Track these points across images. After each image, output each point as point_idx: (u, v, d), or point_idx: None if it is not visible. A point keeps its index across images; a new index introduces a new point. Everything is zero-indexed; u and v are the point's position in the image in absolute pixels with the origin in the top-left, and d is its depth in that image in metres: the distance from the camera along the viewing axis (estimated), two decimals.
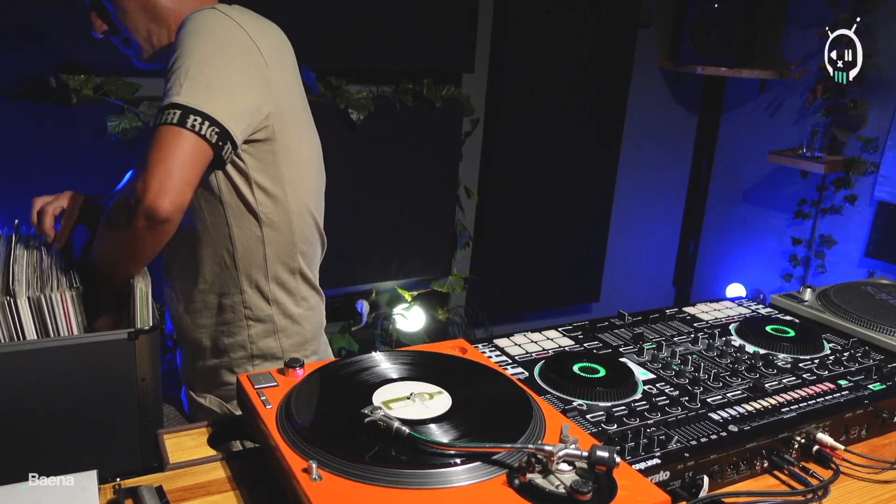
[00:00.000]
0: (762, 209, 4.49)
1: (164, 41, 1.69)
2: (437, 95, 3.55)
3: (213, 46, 1.52)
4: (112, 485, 1.21)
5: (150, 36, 1.67)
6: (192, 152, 1.47)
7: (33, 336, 1.40)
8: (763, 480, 1.33)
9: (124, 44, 1.69)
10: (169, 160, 1.44)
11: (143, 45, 1.67)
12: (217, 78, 1.51)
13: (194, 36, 1.52)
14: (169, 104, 1.46)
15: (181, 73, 1.48)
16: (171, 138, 1.45)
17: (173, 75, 1.50)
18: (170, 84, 1.50)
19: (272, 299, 1.84)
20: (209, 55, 1.51)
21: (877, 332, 1.80)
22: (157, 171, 1.43)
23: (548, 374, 1.50)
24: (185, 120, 1.45)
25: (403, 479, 1.04)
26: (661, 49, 4.44)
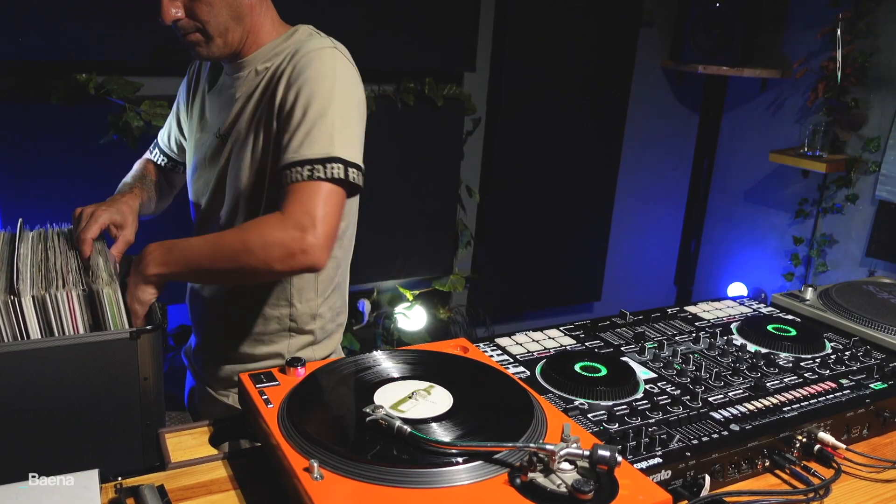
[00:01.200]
0: (763, 208, 4.49)
1: (238, 39, 1.69)
2: (439, 95, 3.55)
3: (345, 94, 1.62)
4: (113, 484, 1.21)
5: (226, 32, 1.66)
6: (343, 204, 1.61)
7: (37, 335, 1.40)
8: (764, 480, 1.34)
9: (191, 34, 1.66)
10: (333, 218, 1.56)
11: (216, 38, 1.66)
12: (354, 126, 1.63)
13: (328, 81, 1.60)
14: (331, 157, 1.55)
15: (328, 123, 1.57)
16: (333, 196, 1.56)
17: (319, 123, 1.57)
18: (317, 132, 1.57)
19: (317, 314, 1.88)
20: (345, 104, 1.61)
21: (878, 332, 1.80)
22: (327, 228, 1.54)
23: (549, 373, 1.50)
24: (349, 174, 1.57)
25: (405, 479, 1.04)
26: (663, 48, 4.43)
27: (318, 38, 1.72)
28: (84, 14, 2.70)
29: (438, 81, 3.56)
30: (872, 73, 3.80)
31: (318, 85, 1.60)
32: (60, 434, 1.42)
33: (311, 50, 1.64)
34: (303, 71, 1.62)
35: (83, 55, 2.78)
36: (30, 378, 1.36)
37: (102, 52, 2.80)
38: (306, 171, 1.55)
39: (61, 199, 2.78)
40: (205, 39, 1.66)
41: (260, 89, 1.71)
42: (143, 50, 2.81)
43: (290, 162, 1.57)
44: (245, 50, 1.74)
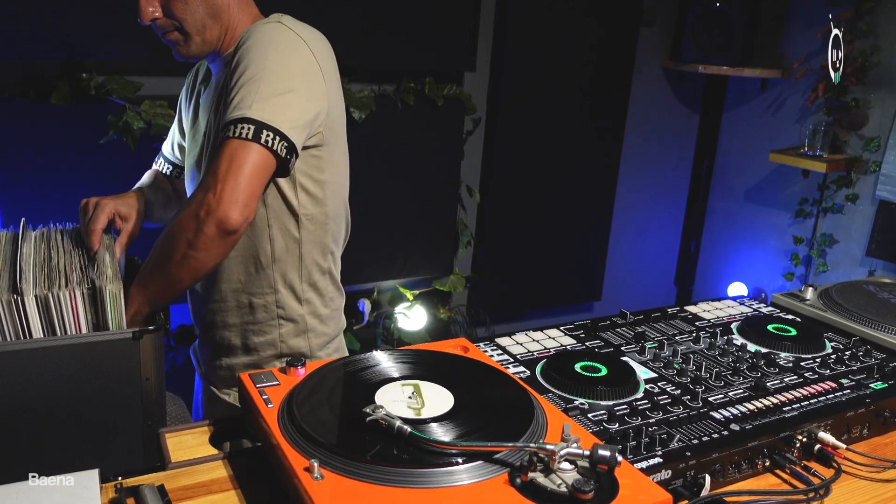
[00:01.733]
0: (764, 208, 4.49)
1: (216, 37, 1.70)
2: (439, 94, 3.55)
3: (279, 61, 1.59)
4: (114, 484, 1.21)
5: (203, 29, 1.67)
6: (262, 166, 1.54)
7: (40, 334, 1.40)
8: (765, 479, 1.34)
9: (170, 33, 1.67)
10: (240, 173, 1.50)
11: (194, 36, 1.67)
12: (284, 92, 1.57)
13: (261, 49, 1.58)
14: (241, 118, 1.52)
15: (251, 87, 1.54)
16: (242, 152, 1.51)
17: (243, 88, 1.55)
18: (239, 96, 1.54)
19: (304, 299, 1.88)
20: (276, 70, 1.58)
21: (878, 331, 1.80)
22: (228, 183, 1.49)
23: (549, 372, 1.50)
24: (259, 135, 1.52)
25: (405, 478, 1.04)
26: (663, 48, 4.43)
27: (275, 20, 1.69)
28: (84, 14, 2.70)
29: (439, 81, 3.56)
30: (872, 73, 3.80)
31: (249, 53, 1.59)
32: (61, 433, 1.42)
33: (254, 29, 1.64)
34: (241, 46, 1.62)
35: (83, 55, 2.78)
36: (31, 377, 1.36)
37: (102, 51, 2.80)
38: (222, 135, 1.54)
39: (62, 199, 2.78)
40: (183, 38, 1.68)
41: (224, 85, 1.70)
42: (143, 50, 2.81)
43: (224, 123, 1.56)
44: (224, 47, 1.75)
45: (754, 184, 4.53)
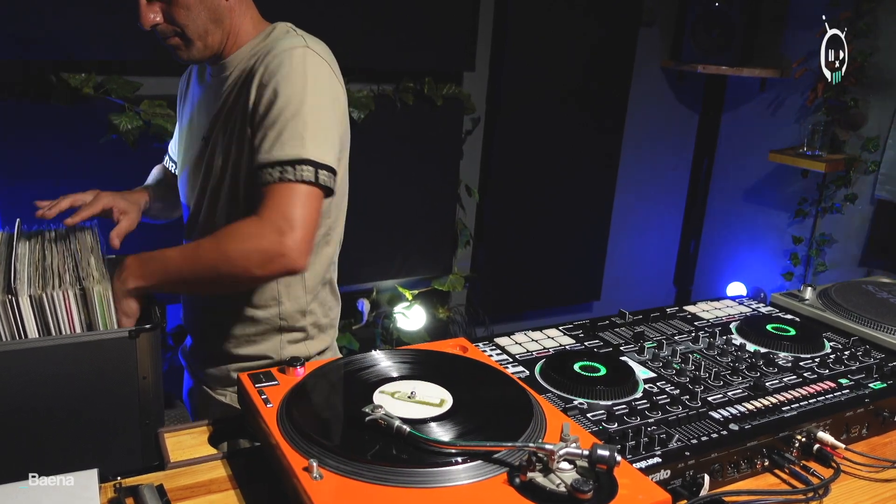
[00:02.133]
0: (763, 208, 4.49)
1: (217, 41, 1.69)
2: (438, 94, 3.54)
3: (318, 94, 1.61)
4: (113, 483, 1.21)
5: (205, 34, 1.66)
6: (320, 205, 1.60)
7: (35, 334, 1.40)
8: (764, 479, 1.34)
9: (171, 38, 1.66)
10: (310, 220, 1.56)
11: (196, 42, 1.66)
12: (327, 126, 1.62)
13: (299, 81, 1.59)
14: (300, 159, 1.55)
15: (299, 124, 1.56)
16: (310, 197, 1.56)
17: (290, 125, 1.56)
18: (289, 134, 1.56)
19: (308, 311, 1.88)
20: (317, 104, 1.60)
21: (877, 331, 1.80)
22: (305, 233, 1.54)
23: (548, 372, 1.50)
24: (318, 176, 1.56)
25: (404, 478, 1.04)
26: (663, 48, 4.43)
27: (293, 36, 1.69)
28: (82, 14, 2.70)
29: (438, 81, 3.56)
30: (872, 73, 3.80)
31: (289, 85, 1.59)
32: (59, 434, 1.42)
33: (282, 50, 1.62)
34: (275, 72, 1.60)
35: (82, 55, 2.78)
36: (28, 377, 1.36)
37: (101, 51, 2.79)
38: (276, 173, 1.55)
39: None
40: (184, 43, 1.66)
41: (235, 91, 1.71)
42: (142, 49, 2.81)
43: (262, 163, 1.57)
44: (226, 51, 1.74)
45: (753, 183, 4.53)
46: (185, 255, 1.59)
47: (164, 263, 1.58)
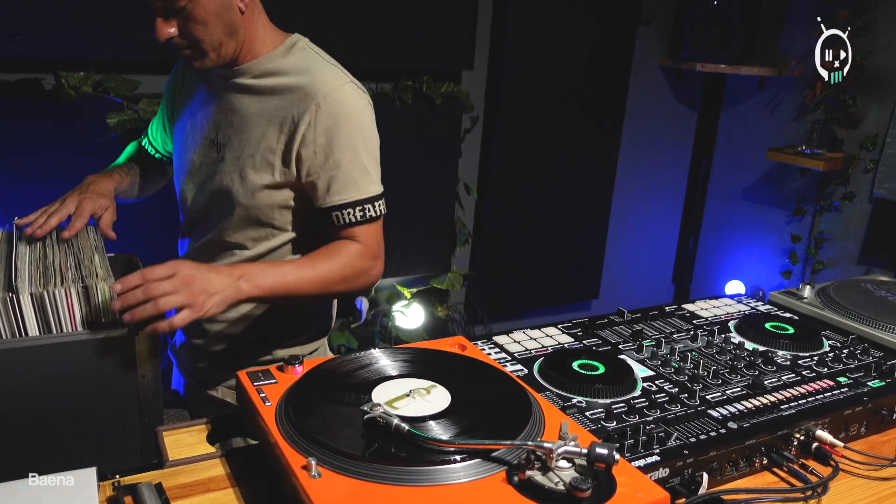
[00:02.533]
0: (761, 206, 4.49)
1: (231, 51, 1.71)
2: (437, 93, 3.54)
3: (372, 132, 1.79)
4: (111, 482, 1.21)
5: (220, 46, 1.68)
6: None
7: (35, 332, 1.40)
8: (762, 477, 1.34)
9: (184, 50, 1.68)
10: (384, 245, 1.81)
11: (210, 54, 1.67)
12: (378, 156, 1.82)
13: (359, 121, 1.75)
14: (377, 195, 1.77)
15: (366, 162, 1.76)
16: (380, 226, 1.80)
17: (364, 162, 1.75)
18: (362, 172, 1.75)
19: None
20: (373, 142, 1.79)
21: (876, 329, 1.80)
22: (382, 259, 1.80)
23: (547, 371, 1.50)
24: (383, 207, 1.79)
25: (403, 476, 1.04)
26: (661, 46, 4.43)
27: (329, 66, 1.79)
28: (81, 12, 2.70)
29: (436, 80, 3.55)
30: (870, 72, 3.80)
31: (353, 127, 1.73)
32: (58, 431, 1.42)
33: (333, 88, 1.72)
34: (334, 110, 1.71)
35: (81, 53, 2.77)
36: (28, 375, 1.36)
37: (100, 50, 2.79)
38: (358, 213, 1.74)
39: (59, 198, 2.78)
40: (198, 55, 1.68)
41: (269, 108, 1.76)
42: (140, 48, 2.80)
43: (337, 204, 1.73)
44: (240, 59, 1.76)
45: (752, 182, 4.53)
46: (301, 271, 1.66)
47: (283, 277, 1.63)
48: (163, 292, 1.43)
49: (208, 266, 1.54)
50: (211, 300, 1.49)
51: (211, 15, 1.62)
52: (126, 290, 1.42)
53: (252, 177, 1.76)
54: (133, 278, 1.43)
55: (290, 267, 1.65)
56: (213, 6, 1.62)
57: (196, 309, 1.46)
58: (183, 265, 1.48)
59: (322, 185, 1.73)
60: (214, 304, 1.50)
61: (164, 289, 1.43)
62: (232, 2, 1.65)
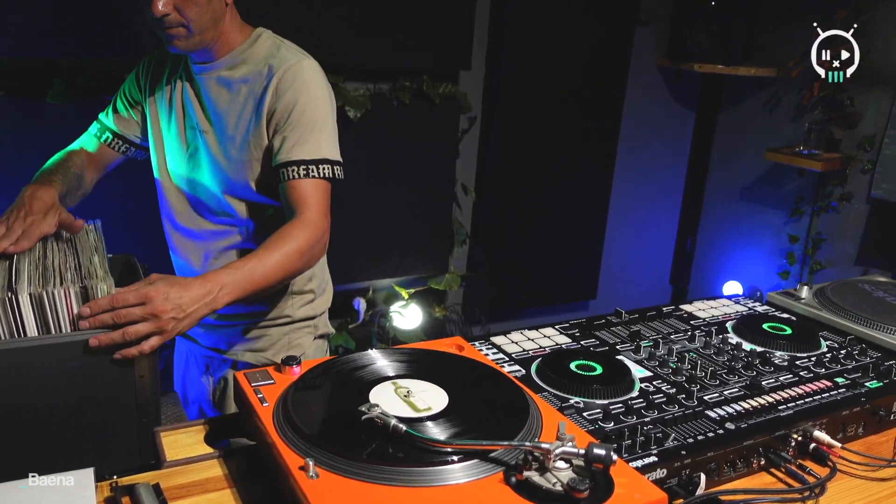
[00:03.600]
0: (759, 207, 4.50)
1: (210, 39, 1.85)
2: (435, 93, 3.54)
3: (327, 100, 1.91)
4: (109, 482, 1.21)
5: (204, 31, 1.81)
6: None
7: (34, 333, 1.39)
8: (760, 478, 1.34)
9: (174, 28, 1.77)
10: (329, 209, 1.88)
11: (195, 35, 1.80)
12: (333, 127, 1.93)
13: (315, 91, 1.88)
14: (324, 159, 1.87)
15: (321, 129, 1.88)
16: (328, 190, 1.88)
17: (313, 129, 1.87)
18: (311, 136, 1.86)
19: (313, 275, 2.14)
20: (330, 111, 1.92)
21: (874, 330, 1.80)
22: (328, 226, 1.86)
23: (545, 371, 1.50)
24: (335, 172, 1.88)
25: (400, 477, 1.04)
26: (660, 47, 4.43)
27: (292, 48, 1.95)
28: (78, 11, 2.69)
29: (434, 80, 3.55)
30: (868, 72, 3.80)
31: (306, 95, 1.86)
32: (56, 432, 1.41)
33: (293, 63, 1.88)
34: (292, 82, 1.86)
35: (79, 53, 2.77)
36: (26, 375, 1.36)
37: (98, 49, 2.79)
38: (301, 171, 1.84)
39: None
40: (186, 34, 1.80)
41: (241, 94, 1.91)
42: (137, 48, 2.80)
43: (285, 161, 1.85)
44: (216, 53, 1.91)
45: (750, 182, 4.53)
46: (263, 264, 1.71)
47: (252, 276, 1.68)
48: (131, 320, 1.43)
49: (182, 284, 1.54)
50: (181, 323, 1.52)
51: None
52: (94, 313, 1.43)
53: (235, 155, 1.92)
54: (103, 302, 1.43)
55: (255, 261, 1.69)
56: None
57: (166, 335, 1.49)
58: (155, 292, 1.48)
59: (276, 147, 1.87)
60: (185, 325, 1.53)
61: (133, 316, 1.44)
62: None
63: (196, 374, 2.19)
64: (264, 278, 1.70)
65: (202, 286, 1.56)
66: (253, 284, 1.67)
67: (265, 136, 1.89)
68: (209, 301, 1.57)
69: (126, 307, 1.44)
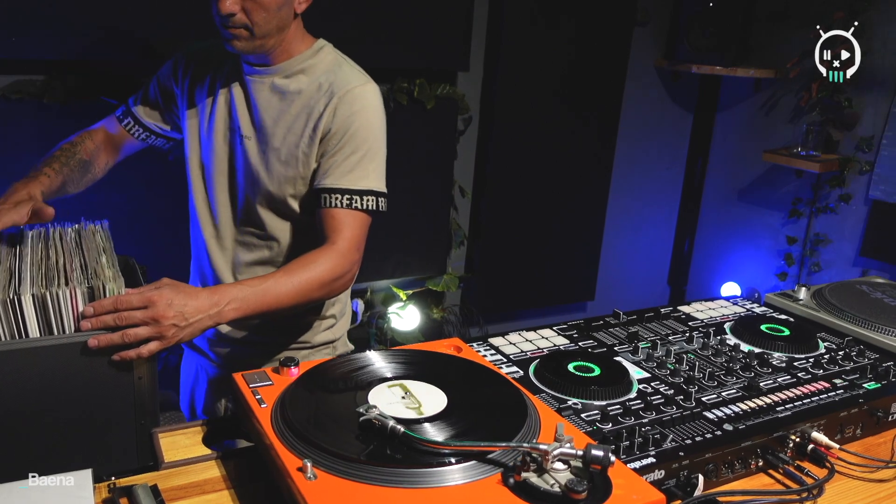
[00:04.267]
0: (757, 208, 4.50)
1: (271, 44, 1.79)
2: (432, 94, 3.54)
3: (383, 131, 1.89)
4: (107, 483, 1.21)
5: (268, 36, 1.76)
6: None
7: (37, 334, 1.39)
8: (758, 479, 1.34)
9: (239, 29, 1.73)
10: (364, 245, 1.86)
11: (258, 39, 1.75)
12: (384, 157, 1.90)
13: (374, 120, 1.86)
14: (370, 191, 1.83)
15: (372, 158, 1.85)
16: (367, 225, 1.86)
17: (364, 157, 1.84)
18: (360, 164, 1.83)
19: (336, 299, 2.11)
20: (384, 140, 1.89)
21: (872, 331, 1.80)
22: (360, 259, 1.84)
23: (543, 372, 1.50)
24: (379, 204, 1.86)
25: (398, 478, 1.04)
26: (657, 48, 4.44)
27: (354, 68, 1.93)
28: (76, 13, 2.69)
29: (432, 81, 3.55)
30: (866, 73, 3.81)
31: (363, 120, 1.83)
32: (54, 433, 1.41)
33: (356, 85, 1.85)
34: (351, 105, 1.82)
35: (76, 54, 2.77)
36: (24, 377, 1.36)
37: (95, 51, 2.79)
38: (344, 199, 1.80)
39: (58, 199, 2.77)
40: (248, 36, 1.75)
41: (294, 106, 1.85)
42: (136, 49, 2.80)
43: (329, 188, 1.80)
44: (275, 58, 1.85)
45: (747, 184, 4.53)
46: (278, 287, 1.66)
47: (264, 296, 1.63)
48: (132, 323, 1.42)
49: (188, 292, 1.51)
50: (183, 332, 1.48)
51: (274, 5, 1.72)
52: (98, 313, 1.41)
53: (278, 169, 1.86)
54: (106, 303, 1.42)
55: (271, 282, 1.65)
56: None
57: (165, 341, 1.46)
58: (159, 297, 1.46)
59: (321, 169, 1.83)
60: (187, 334, 1.50)
61: (134, 319, 1.42)
62: (293, 0, 1.78)
63: (205, 390, 2.13)
64: (276, 301, 1.64)
65: (209, 297, 1.53)
66: (263, 305, 1.62)
67: (315, 156, 1.84)
68: (214, 313, 1.53)
69: (129, 309, 1.42)
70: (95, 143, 2.04)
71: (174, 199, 2.89)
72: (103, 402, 1.43)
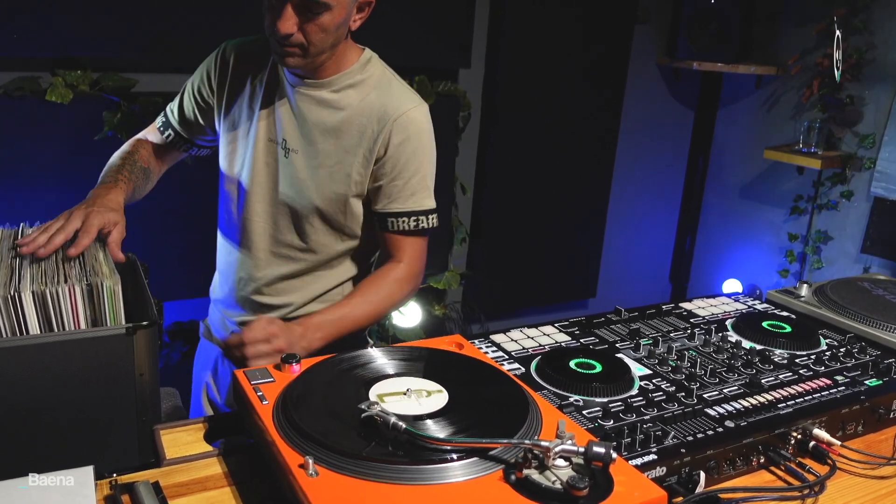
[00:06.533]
0: (759, 205, 4.50)
1: (324, 60, 1.78)
2: (434, 91, 3.54)
3: (433, 151, 1.95)
4: (108, 480, 1.21)
5: (320, 54, 1.75)
6: None
7: (37, 331, 1.39)
8: (759, 476, 1.34)
9: (293, 47, 1.71)
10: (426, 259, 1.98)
11: (311, 57, 1.74)
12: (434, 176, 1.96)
13: (429, 142, 1.92)
14: (431, 210, 1.93)
15: (427, 179, 1.93)
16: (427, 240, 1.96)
17: (423, 179, 1.91)
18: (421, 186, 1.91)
19: None
20: (433, 160, 1.95)
21: (873, 328, 1.80)
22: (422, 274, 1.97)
23: (544, 369, 1.50)
24: (435, 222, 1.93)
25: (400, 475, 1.04)
26: (658, 45, 4.43)
27: (403, 87, 1.93)
28: (78, 10, 2.70)
29: (433, 78, 3.55)
30: (867, 70, 3.81)
31: (419, 144, 1.88)
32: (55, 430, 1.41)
33: (410, 108, 1.86)
34: (407, 130, 1.85)
35: (78, 51, 2.77)
36: (25, 374, 1.36)
37: (97, 47, 2.79)
38: (412, 222, 1.89)
39: (58, 197, 2.78)
40: (302, 54, 1.73)
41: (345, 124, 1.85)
42: (137, 46, 2.80)
43: (397, 212, 1.88)
44: (324, 72, 1.84)
45: (749, 180, 4.53)
46: (357, 310, 1.82)
47: (343, 323, 1.79)
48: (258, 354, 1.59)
49: (286, 326, 1.68)
50: None
51: (333, 25, 1.70)
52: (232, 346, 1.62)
53: (328, 185, 1.87)
54: (234, 339, 1.62)
55: (349, 308, 1.80)
56: (339, 18, 1.70)
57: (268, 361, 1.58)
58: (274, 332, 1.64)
59: (385, 193, 1.88)
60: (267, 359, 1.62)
61: (261, 351, 1.60)
62: (350, 18, 1.76)
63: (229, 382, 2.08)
64: (353, 325, 1.81)
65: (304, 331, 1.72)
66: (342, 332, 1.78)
67: (368, 178, 1.88)
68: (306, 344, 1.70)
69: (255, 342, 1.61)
70: (148, 151, 2.04)
71: (175, 197, 2.90)
72: (104, 398, 1.43)
